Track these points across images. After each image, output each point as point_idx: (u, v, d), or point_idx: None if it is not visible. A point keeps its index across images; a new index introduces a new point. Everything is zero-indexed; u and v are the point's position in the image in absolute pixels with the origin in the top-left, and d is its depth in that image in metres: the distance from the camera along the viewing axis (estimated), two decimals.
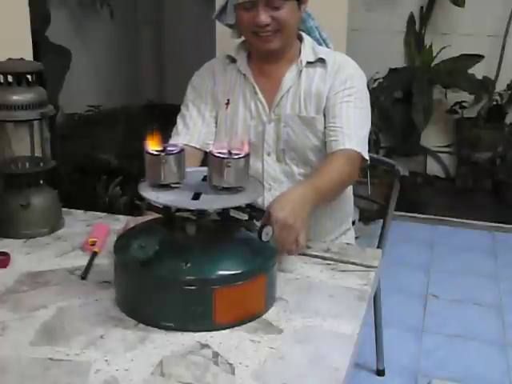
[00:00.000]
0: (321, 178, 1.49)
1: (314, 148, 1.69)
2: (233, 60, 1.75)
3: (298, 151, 1.70)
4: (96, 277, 1.34)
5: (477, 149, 3.99)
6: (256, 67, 1.72)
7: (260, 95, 1.70)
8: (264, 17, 1.58)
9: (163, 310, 1.15)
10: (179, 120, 1.76)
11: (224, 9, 1.70)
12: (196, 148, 1.71)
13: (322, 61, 1.69)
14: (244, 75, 1.72)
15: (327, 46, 1.81)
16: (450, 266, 3.19)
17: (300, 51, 1.71)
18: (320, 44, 1.79)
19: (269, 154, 1.72)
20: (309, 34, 1.78)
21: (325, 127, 1.67)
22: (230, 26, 1.75)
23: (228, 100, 1.73)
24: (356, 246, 1.82)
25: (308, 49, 1.71)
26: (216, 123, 1.75)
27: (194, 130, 1.73)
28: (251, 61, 1.73)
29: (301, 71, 1.69)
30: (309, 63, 1.69)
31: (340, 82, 1.67)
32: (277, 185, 1.72)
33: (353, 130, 1.63)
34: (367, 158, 1.65)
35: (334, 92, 1.66)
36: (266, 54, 1.68)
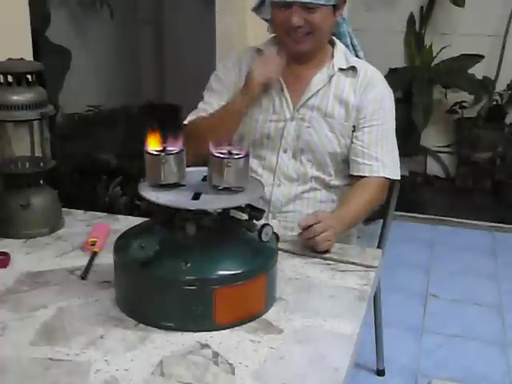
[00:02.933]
0: (350, 208, 1.62)
1: (333, 153, 1.70)
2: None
3: (316, 153, 1.71)
4: (96, 277, 1.34)
5: (477, 149, 3.99)
6: (285, 65, 1.72)
7: (286, 92, 1.71)
8: (297, 18, 1.59)
9: (163, 310, 1.15)
10: (200, 104, 1.79)
11: (263, 2, 1.72)
12: None
13: (353, 69, 1.70)
14: None
15: (356, 53, 1.82)
16: (450, 266, 3.19)
17: (333, 55, 1.71)
18: (350, 50, 1.79)
19: (285, 151, 1.72)
20: (340, 38, 1.79)
21: (352, 142, 1.69)
22: (267, 20, 1.76)
23: None
24: (356, 246, 1.82)
25: (340, 55, 1.72)
26: None
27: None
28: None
29: (332, 76, 1.69)
30: (341, 70, 1.70)
31: (374, 100, 1.68)
32: (287, 182, 1.73)
33: (386, 157, 1.68)
34: (399, 177, 1.73)
35: (369, 111, 1.68)
36: (296, 55, 1.70)
